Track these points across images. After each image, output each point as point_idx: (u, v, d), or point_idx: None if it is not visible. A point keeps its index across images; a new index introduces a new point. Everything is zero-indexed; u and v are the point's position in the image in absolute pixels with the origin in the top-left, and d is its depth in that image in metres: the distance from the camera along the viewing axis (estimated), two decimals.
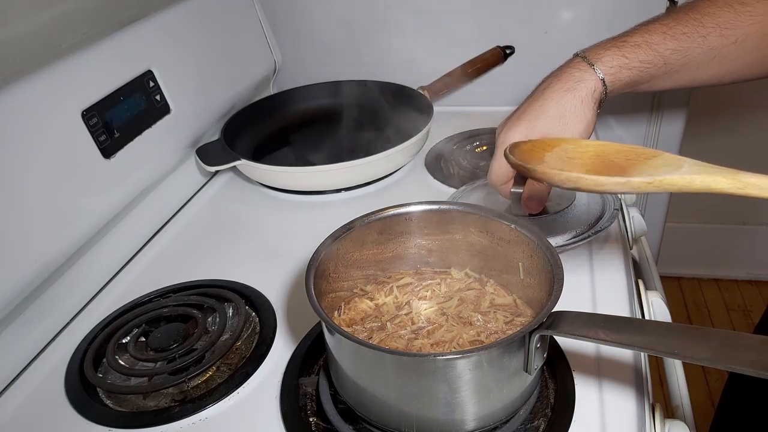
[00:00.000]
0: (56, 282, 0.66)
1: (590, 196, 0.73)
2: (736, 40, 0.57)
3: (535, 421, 0.49)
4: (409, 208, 0.56)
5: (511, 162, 0.51)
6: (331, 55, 1.16)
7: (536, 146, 0.53)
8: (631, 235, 0.81)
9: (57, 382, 0.59)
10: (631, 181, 0.42)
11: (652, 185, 0.41)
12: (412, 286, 0.58)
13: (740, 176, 0.39)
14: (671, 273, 1.82)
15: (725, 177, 0.39)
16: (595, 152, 0.49)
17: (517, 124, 0.61)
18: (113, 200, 0.72)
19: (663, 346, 0.40)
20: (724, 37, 0.57)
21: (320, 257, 0.51)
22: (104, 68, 0.73)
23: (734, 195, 0.39)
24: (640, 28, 0.59)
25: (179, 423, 0.53)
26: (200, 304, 0.65)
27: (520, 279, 0.54)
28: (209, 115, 0.92)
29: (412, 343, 0.52)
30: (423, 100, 0.97)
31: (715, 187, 0.40)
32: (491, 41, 1.08)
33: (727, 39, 0.57)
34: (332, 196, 0.87)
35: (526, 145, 0.54)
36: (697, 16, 0.58)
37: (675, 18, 0.58)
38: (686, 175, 0.41)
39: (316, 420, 0.51)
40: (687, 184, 0.41)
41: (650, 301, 0.69)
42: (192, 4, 0.90)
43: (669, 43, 0.57)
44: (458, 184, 0.84)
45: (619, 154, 0.47)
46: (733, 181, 0.39)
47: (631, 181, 0.42)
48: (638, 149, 0.47)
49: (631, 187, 0.42)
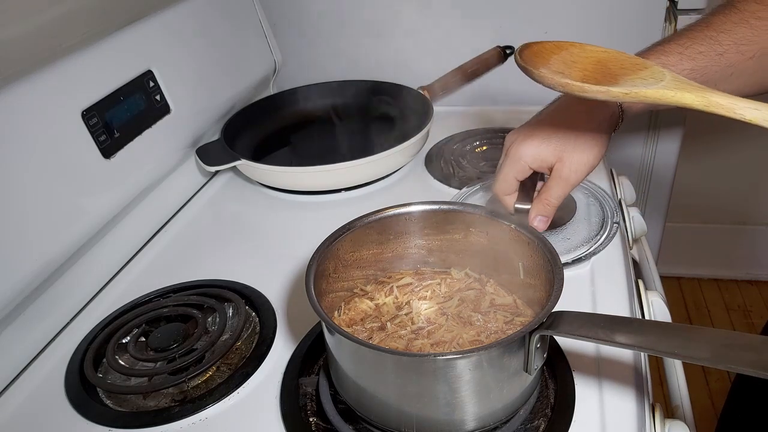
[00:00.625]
0: (56, 282, 0.66)
1: (589, 208, 0.73)
2: (753, 56, 0.56)
3: (535, 421, 0.49)
4: (409, 208, 0.56)
5: (517, 63, 0.51)
6: (331, 55, 1.16)
7: (546, 48, 0.52)
8: (631, 235, 0.81)
9: (57, 382, 0.59)
10: (610, 91, 0.45)
11: (629, 96, 0.44)
12: (412, 286, 0.58)
13: (708, 94, 0.41)
14: (671, 273, 1.82)
15: (694, 93, 0.42)
16: (597, 59, 0.50)
17: (530, 138, 0.60)
18: (113, 200, 0.72)
19: (663, 346, 0.40)
20: (741, 54, 0.56)
21: (320, 257, 0.51)
22: (104, 68, 0.73)
23: (702, 111, 0.42)
24: (654, 49, 0.58)
25: (179, 423, 0.53)
26: (200, 304, 0.65)
27: (520, 279, 0.54)
28: (209, 115, 0.92)
29: (412, 343, 0.52)
30: (423, 100, 0.97)
31: (684, 102, 0.42)
32: (491, 41, 1.08)
33: (744, 55, 0.56)
34: (332, 196, 0.87)
35: (537, 47, 0.53)
36: (713, 33, 0.56)
37: (690, 37, 0.57)
38: (660, 90, 0.43)
39: (316, 420, 0.51)
40: (659, 97, 0.43)
41: (650, 301, 0.69)
42: (192, 4, 0.90)
43: (685, 64, 0.56)
44: (458, 184, 0.84)
45: (617, 62, 0.49)
46: (701, 98, 0.41)
47: (610, 90, 0.45)
48: (635, 60, 0.49)
49: (611, 96, 0.45)
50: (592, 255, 0.66)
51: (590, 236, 0.69)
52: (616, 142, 1.19)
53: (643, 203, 1.28)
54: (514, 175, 0.61)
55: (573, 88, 0.46)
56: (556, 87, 0.47)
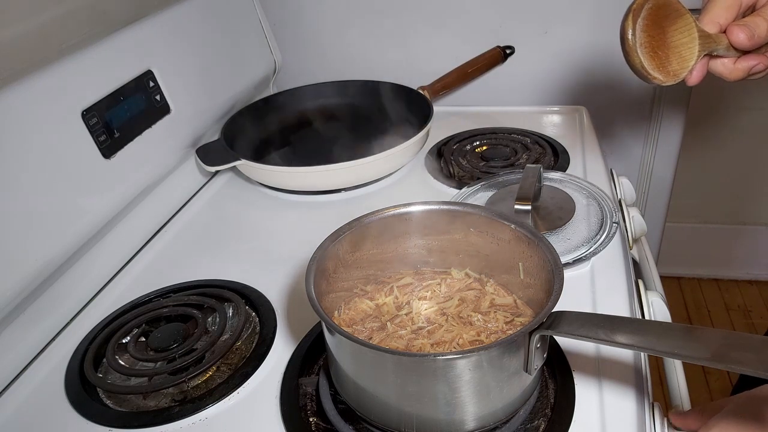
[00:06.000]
0: (56, 282, 0.66)
1: (588, 208, 0.73)
2: None
3: (535, 421, 0.49)
4: (409, 208, 0.56)
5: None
6: (331, 55, 1.17)
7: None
8: (631, 235, 0.81)
9: (57, 382, 0.59)
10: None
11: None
12: (412, 286, 0.58)
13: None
14: (671, 273, 1.82)
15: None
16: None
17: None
18: (113, 200, 0.72)
19: (663, 346, 0.40)
20: None
21: (320, 257, 0.51)
22: (104, 68, 0.73)
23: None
24: None
25: (179, 423, 0.53)
26: (200, 304, 0.65)
27: (520, 279, 0.54)
28: (209, 115, 0.92)
29: (412, 343, 0.52)
30: (423, 100, 0.97)
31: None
32: (491, 41, 1.08)
33: None
34: (332, 196, 0.87)
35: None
36: None
37: None
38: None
39: (316, 420, 0.51)
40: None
41: (650, 301, 0.69)
42: (192, 4, 0.90)
43: None
44: (458, 184, 0.84)
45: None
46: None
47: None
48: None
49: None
50: (592, 255, 0.66)
51: (590, 236, 0.69)
52: (617, 142, 1.19)
53: (643, 203, 1.28)
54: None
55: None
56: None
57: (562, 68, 1.10)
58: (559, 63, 1.10)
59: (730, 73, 0.53)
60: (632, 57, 0.49)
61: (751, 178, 1.64)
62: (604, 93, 1.12)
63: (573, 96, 1.11)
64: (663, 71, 0.50)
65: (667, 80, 0.50)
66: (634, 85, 1.12)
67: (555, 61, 1.10)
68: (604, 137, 1.12)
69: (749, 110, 1.51)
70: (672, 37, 0.50)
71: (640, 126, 1.18)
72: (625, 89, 1.12)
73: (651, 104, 1.15)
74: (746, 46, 0.50)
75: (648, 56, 0.49)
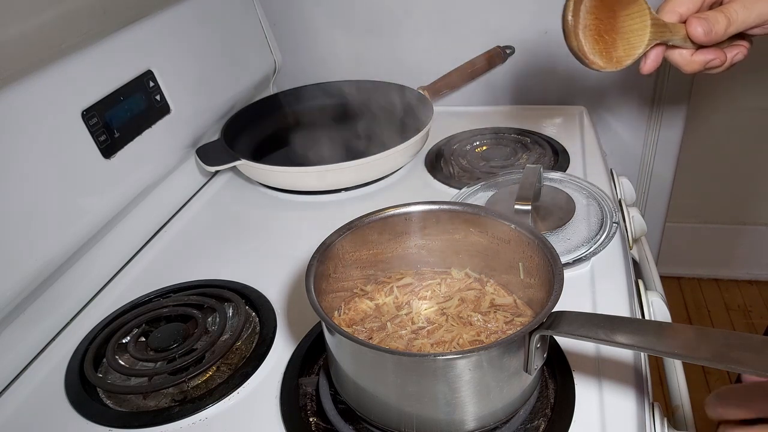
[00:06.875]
0: (56, 282, 0.66)
1: (588, 208, 0.73)
2: None
3: (535, 421, 0.49)
4: (409, 208, 0.56)
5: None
6: (331, 55, 1.16)
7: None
8: (631, 235, 0.81)
9: (57, 382, 0.59)
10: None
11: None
12: (412, 286, 0.58)
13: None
14: (671, 273, 1.82)
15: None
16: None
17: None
18: (113, 200, 0.72)
19: (663, 346, 0.40)
20: None
21: (320, 257, 0.51)
22: (104, 68, 0.73)
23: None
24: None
25: (179, 423, 0.53)
26: (200, 304, 0.65)
27: (520, 279, 0.54)
28: (209, 115, 0.92)
29: (412, 343, 0.52)
30: (423, 100, 0.97)
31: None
32: (491, 41, 1.08)
33: None
34: (332, 196, 0.87)
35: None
36: None
37: None
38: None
39: (316, 420, 0.51)
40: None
41: (650, 301, 0.69)
42: (192, 4, 0.90)
43: None
44: (458, 184, 0.84)
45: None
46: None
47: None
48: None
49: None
50: (592, 255, 0.66)
51: (590, 236, 0.69)
52: (616, 142, 1.19)
53: (643, 203, 1.28)
54: None
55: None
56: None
57: (562, 68, 1.10)
58: (559, 63, 1.10)
59: (686, 65, 0.52)
60: (569, 38, 0.46)
61: (751, 178, 1.64)
62: (604, 93, 1.12)
63: (573, 96, 1.11)
64: (605, 56, 0.48)
65: (607, 66, 0.48)
66: (634, 85, 1.12)
67: (555, 61, 1.10)
68: (604, 137, 1.12)
69: (749, 110, 1.51)
70: (622, 22, 0.48)
71: (640, 126, 1.18)
72: (625, 89, 1.12)
73: (651, 104, 1.15)
74: (702, 41, 0.49)
75: (592, 39, 0.47)
